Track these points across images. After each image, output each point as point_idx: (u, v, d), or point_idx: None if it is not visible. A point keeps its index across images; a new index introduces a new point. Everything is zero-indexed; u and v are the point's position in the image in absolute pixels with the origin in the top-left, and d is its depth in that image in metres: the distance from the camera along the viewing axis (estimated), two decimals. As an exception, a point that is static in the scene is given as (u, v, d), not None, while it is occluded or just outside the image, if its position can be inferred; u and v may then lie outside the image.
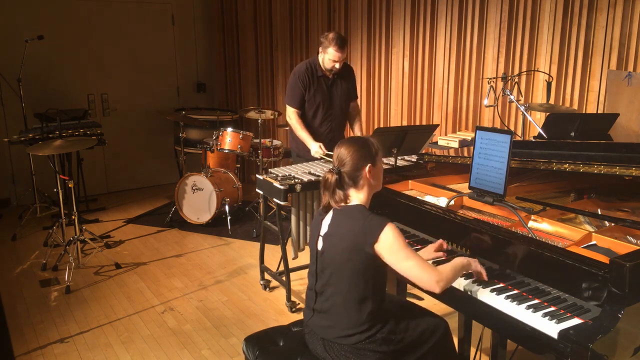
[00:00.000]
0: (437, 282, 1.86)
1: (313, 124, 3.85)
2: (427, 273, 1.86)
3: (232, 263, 4.31)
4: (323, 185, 2.03)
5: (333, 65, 3.69)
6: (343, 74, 3.87)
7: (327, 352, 1.98)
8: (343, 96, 3.90)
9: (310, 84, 3.77)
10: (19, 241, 4.77)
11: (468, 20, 4.21)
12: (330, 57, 3.65)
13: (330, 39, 3.61)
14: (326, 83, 3.82)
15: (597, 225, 2.17)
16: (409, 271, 1.87)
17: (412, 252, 1.89)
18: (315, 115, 3.84)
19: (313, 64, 3.80)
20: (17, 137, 4.74)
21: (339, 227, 1.98)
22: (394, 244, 1.86)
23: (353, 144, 2.01)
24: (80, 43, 5.88)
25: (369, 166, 1.99)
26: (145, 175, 6.56)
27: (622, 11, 3.34)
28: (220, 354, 3.06)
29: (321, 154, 3.68)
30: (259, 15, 6.17)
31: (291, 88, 3.82)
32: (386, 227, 1.87)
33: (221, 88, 6.96)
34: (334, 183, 1.99)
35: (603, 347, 1.55)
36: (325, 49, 3.66)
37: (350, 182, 2.00)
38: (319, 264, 2.03)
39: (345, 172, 1.99)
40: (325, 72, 3.78)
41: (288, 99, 3.85)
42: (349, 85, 3.95)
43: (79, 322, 3.40)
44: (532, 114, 3.82)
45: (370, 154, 2.01)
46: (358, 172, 1.98)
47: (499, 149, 2.15)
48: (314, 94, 3.79)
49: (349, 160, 1.98)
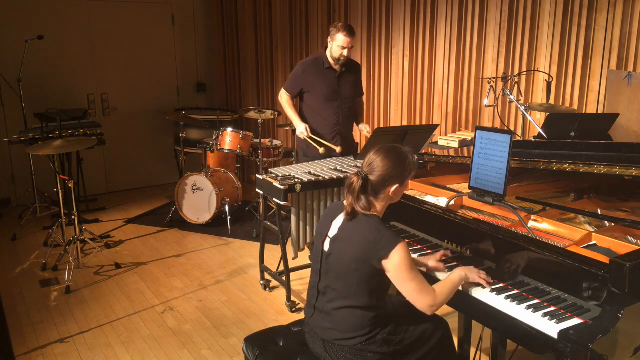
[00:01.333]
0: (430, 307, 1.89)
1: (320, 115, 3.89)
2: (423, 298, 1.88)
3: (232, 263, 4.31)
4: (347, 187, 1.97)
5: (341, 52, 3.72)
6: (351, 68, 3.92)
7: (327, 352, 1.98)
8: (350, 90, 3.94)
9: (315, 75, 3.82)
10: (19, 241, 4.77)
11: (468, 20, 4.21)
12: (339, 44, 3.69)
13: (339, 27, 3.69)
14: (334, 75, 3.85)
15: (597, 225, 2.17)
16: (408, 293, 1.89)
17: (416, 274, 1.89)
18: (322, 106, 3.88)
19: (321, 57, 3.87)
20: (17, 137, 4.73)
21: (350, 233, 1.96)
22: (402, 264, 1.85)
23: (391, 158, 1.94)
24: (80, 43, 5.87)
25: (396, 187, 1.96)
26: (145, 175, 6.55)
27: (622, 11, 3.34)
28: (220, 354, 3.06)
29: (306, 135, 3.78)
30: (259, 15, 6.17)
31: (293, 76, 3.94)
32: (398, 245, 1.85)
33: (221, 88, 6.96)
34: (359, 188, 1.94)
35: (603, 347, 1.55)
36: (334, 36, 3.71)
37: (371, 192, 1.97)
38: (323, 264, 2.02)
39: (371, 181, 1.94)
40: (333, 65, 3.82)
41: (286, 84, 3.95)
42: (356, 80, 3.99)
43: (79, 322, 3.40)
44: (532, 114, 3.82)
45: (402, 175, 1.96)
46: (383, 187, 1.95)
47: (499, 149, 2.15)
48: (321, 86, 3.83)
49: (379, 172, 1.93)
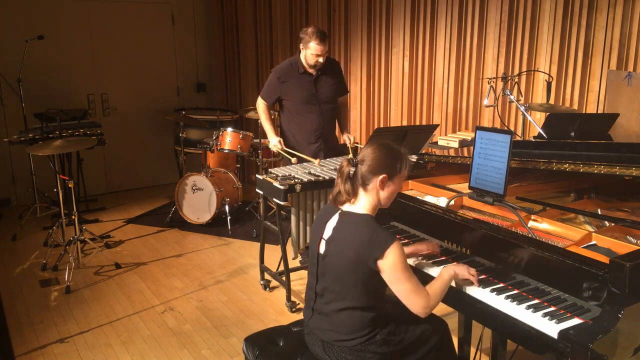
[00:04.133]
0: (424, 309, 1.89)
1: (299, 121, 3.81)
2: (416, 299, 1.88)
3: (232, 263, 4.31)
4: (338, 171, 2.01)
5: (316, 60, 3.61)
6: (328, 69, 3.78)
7: (326, 353, 1.98)
8: (330, 92, 3.82)
9: (291, 82, 3.72)
10: (19, 241, 4.77)
11: (468, 20, 4.21)
12: (313, 52, 3.57)
13: (310, 34, 3.54)
14: (310, 79, 3.74)
15: (597, 225, 2.17)
16: (401, 293, 1.89)
17: (410, 275, 1.89)
18: (300, 112, 3.79)
19: (295, 62, 3.75)
20: (17, 137, 4.73)
21: (344, 234, 1.96)
22: (396, 264, 1.85)
23: (382, 150, 1.97)
24: (80, 43, 5.87)
25: (383, 177, 1.95)
26: (145, 175, 6.55)
27: (622, 11, 3.34)
28: (220, 354, 3.06)
29: (279, 149, 3.71)
30: (259, 15, 6.17)
31: (267, 84, 3.87)
32: (392, 245, 1.85)
33: (221, 88, 6.96)
34: (347, 173, 1.96)
35: (603, 347, 1.55)
36: (306, 44, 3.57)
37: (360, 182, 1.97)
38: (320, 266, 2.02)
39: (361, 170, 1.95)
40: (308, 69, 3.71)
41: (262, 91, 3.89)
42: (336, 80, 3.86)
43: (79, 322, 3.40)
44: (532, 114, 3.82)
45: (392, 166, 1.96)
46: (371, 176, 1.95)
47: (499, 149, 2.15)
48: (298, 91, 3.73)
49: (369, 161, 1.95)
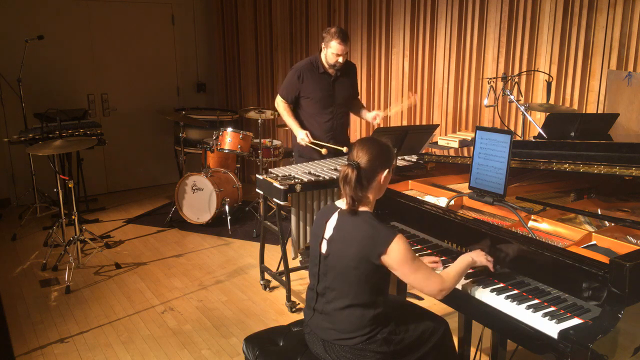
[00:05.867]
0: (439, 291, 1.89)
1: (313, 121, 3.85)
2: (431, 283, 1.88)
3: (232, 263, 4.31)
4: (342, 180, 1.95)
5: (336, 59, 3.68)
6: (346, 71, 3.87)
7: (327, 352, 1.98)
8: (346, 93, 3.90)
9: (310, 80, 3.77)
10: (19, 241, 4.77)
11: (468, 20, 4.21)
12: (334, 51, 3.65)
13: (332, 33, 3.62)
14: (329, 80, 3.81)
15: (597, 225, 2.17)
16: (416, 282, 1.89)
17: (419, 262, 1.89)
18: (317, 112, 3.84)
19: (315, 61, 3.81)
20: (17, 137, 4.73)
21: (346, 232, 1.95)
22: (403, 257, 1.85)
23: (374, 146, 1.97)
24: (80, 43, 5.87)
25: (385, 173, 1.98)
26: (145, 175, 6.55)
27: (622, 11, 3.34)
28: (220, 354, 3.06)
29: (307, 141, 3.73)
30: (259, 15, 6.17)
31: (287, 81, 3.86)
32: (395, 239, 1.85)
33: (221, 88, 6.96)
34: (355, 178, 1.92)
35: (603, 347, 1.55)
36: (327, 43, 3.66)
37: (364, 182, 1.96)
38: (321, 266, 2.02)
39: (362, 169, 1.94)
40: (328, 69, 3.77)
41: (281, 90, 3.88)
42: (351, 83, 3.95)
43: (79, 322, 3.40)
44: (532, 114, 3.82)
45: (389, 159, 1.99)
46: (373, 175, 1.96)
47: (499, 149, 2.15)
48: (316, 91, 3.78)
49: (368, 159, 1.94)
